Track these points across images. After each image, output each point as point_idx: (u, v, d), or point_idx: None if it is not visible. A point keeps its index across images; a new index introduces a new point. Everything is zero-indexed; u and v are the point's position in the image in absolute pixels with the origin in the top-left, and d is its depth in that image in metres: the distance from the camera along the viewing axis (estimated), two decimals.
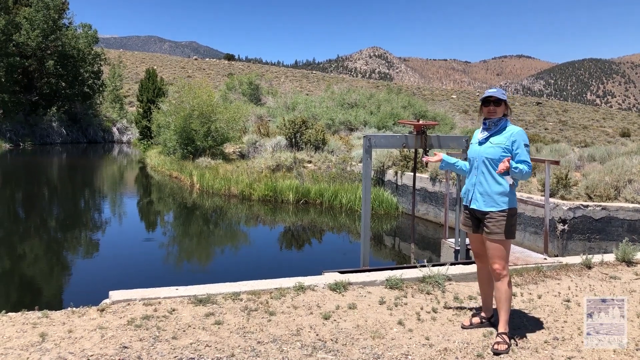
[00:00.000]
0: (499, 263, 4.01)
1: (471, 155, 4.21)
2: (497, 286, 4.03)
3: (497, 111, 4.10)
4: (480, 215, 4.11)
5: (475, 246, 4.32)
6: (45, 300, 7.70)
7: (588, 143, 31.31)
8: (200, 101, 22.50)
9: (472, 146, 4.24)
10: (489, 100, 4.13)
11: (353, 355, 3.64)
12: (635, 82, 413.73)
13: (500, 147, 4.01)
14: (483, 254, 4.24)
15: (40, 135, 40.75)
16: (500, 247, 4.01)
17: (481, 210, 4.07)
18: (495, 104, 4.10)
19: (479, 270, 4.37)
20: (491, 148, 4.05)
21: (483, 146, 4.11)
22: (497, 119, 4.11)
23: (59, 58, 41.14)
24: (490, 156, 4.03)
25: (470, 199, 4.16)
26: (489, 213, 4.03)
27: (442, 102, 64.09)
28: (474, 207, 4.12)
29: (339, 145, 21.05)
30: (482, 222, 4.10)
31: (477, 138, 4.21)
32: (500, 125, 4.10)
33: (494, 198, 4.02)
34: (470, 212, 4.20)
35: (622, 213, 10.00)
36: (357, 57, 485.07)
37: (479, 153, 4.12)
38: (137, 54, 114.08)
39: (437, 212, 13.63)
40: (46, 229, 12.97)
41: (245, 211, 15.33)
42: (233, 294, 4.66)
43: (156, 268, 9.67)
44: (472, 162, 4.20)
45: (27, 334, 3.72)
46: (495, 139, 4.08)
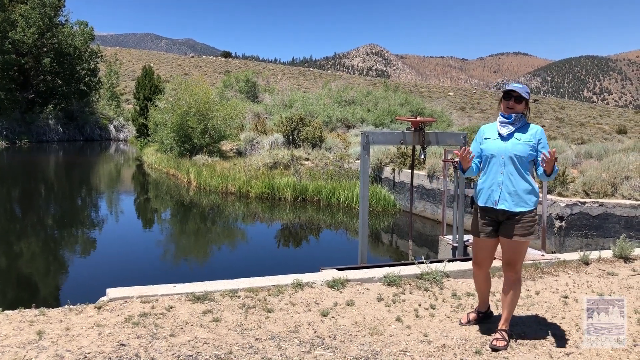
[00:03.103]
0: (517, 266, 3.87)
1: (491, 151, 3.87)
2: (509, 286, 3.90)
3: (516, 108, 3.85)
4: (505, 217, 3.84)
5: (484, 253, 4.04)
6: (43, 298, 7.69)
7: (585, 140, 31.35)
8: (197, 99, 22.43)
9: (491, 141, 3.90)
10: (511, 94, 3.88)
11: (351, 352, 3.63)
12: (631, 79, 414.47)
13: (528, 145, 3.78)
14: (488, 261, 4.07)
15: (37, 133, 40.55)
16: (523, 249, 3.85)
17: (511, 212, 3.80)
18: (517, 100, 3.86)
19: (476, 276, 4.20)
20: (519, 145, 3.79)
21: (509, 142, 3.82)
22: (521, 114, 3.87)
23: (55, 56, 40.92)
24: (519, 153, 3.77)
25: (497, 199, 3.82)
26: (519, 214, 3.79)
27: (440, 100, 64.18)
28: (503, 207, 3.80)
29: (337, 143, 21.02)
30: (505, 224, 3.85)
31: (498, 133, 3.90)
32: (522, 121, 3.88)
33: (523, 198, 3.78)
34: (493, 215, 3.90)
35: (619, 209, 10.02)
36: (354, 55, 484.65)
37: (505, 149, 3.81)
38: (133, 52, 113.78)
39: (434, 209, 13.63)
40: (43, 227, 12.93)
41: (243, 209, 15.31)
42: (231, 291, 4.65)
43: (154, 265, 9.66)
44: (490, 158, 3.88)
45: (24, 331, 3.71)
46: (520, 135, 3.83)
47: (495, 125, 3.98)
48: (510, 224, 3.82)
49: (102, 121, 46.84)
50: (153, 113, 26.66)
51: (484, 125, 4.13)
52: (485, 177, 3.94)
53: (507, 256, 3.89)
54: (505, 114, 3.90)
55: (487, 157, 3.92)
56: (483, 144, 3.97)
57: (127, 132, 46.38)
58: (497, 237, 3.95)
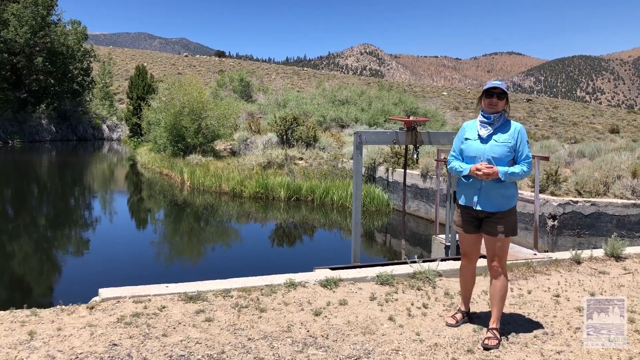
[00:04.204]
0: (501, 261, 3.95)
1: (472, 153, 3.92)
2: (495, 283, 3.98)
3: (499, 105, 3.88)
4: (485, 216, 3.94)
5: (469, 246, 4.17)
6: (35, 299, 7.66)
7: (578, 139, 31.53)
8: (191, 98, 22.38)
9: (472, 143, 3.95)
10: (493, 91, 3.88)
11: (344, 351, 3.64)
12: (624, 79, 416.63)
13: (507, 146, 3.84)
14: (474, 253, 4.18)
15: (30, 132, 40.36)
16: (505, 245, 3.94)
17: (489, 211, 3.90)
18: (499, 97, 3.87)
19: (464, 268, 4.27)
20: (497, 147, 3.85)
21: (488, 144, 3.88)
22: (500, 113, 3.91)
23: (47, 55, 40.74)
24: (497, 155, 3.84)
25: (477, 200, 3.92)
26: (497, 213, 3.89)
27: (433, 99, 64.28)
28: (482, 208, 3.91)
29: (330, 142, 21.03)
30: (485, 222, 3.95)
31: (477, 134, 3.95)
32: (501, 120, 3.92)
33: (501, 198, 3.88)
34: (473, 213, 3.99)
35: (611, 209, 10.08)
36: (348, 54, 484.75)
37: (483, 152, 3.87)
38: (127, 51, 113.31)
39: (428, 208, 13.66)
40: (36, 227, 12.87)
41: (237, 208, 15.30)
42: (224, 291, 4.65)
43: (146, 265, 9.63)
44: (470, 159, 3.94)
45: (15, 332, 3.69)
46: (499, 136, 3.88)
47: (476, 124, 4.01)
48: (490, 222, 3.92)
49: (95, 121, 46.65)
50: (146, 112, 26.60)
51: (465, 123, 4.16)
52: (465, 178, 4.00)
53: (491, 253, 3.98)
54: (485, 113, 3.93)
55: (467, 157, 3.97)
56: (464, 144, 4.02)
57: (121, 132, 46.25)
58: (481, 232, 4.06)
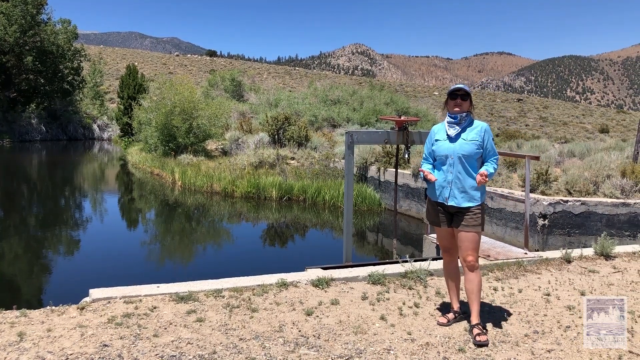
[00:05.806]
0: (474, 254, 4.10)
1: (442, 152, 4.15)
2: (471, 278, 4.10)
3: (463, 105, 4.12)
4: (455, 211, 4.14)
5: (445, 241, 4.35)
6: (24, 299, 7.60)
7: (568, 139, 31.71)
8: (182, 97, 22.27)
9: (442, 143, 4.18)
10: (457, 93, 4.14)
11: (335, 350, 3.64)
12: (613, 79, 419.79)
13: (475, 144, 4.08)
14: (453, 248, 4.32)
15: (19, 132, 39.99)
16: (476, 239, 4.10)
17: (460, 206, 4.10)
18: (463, 98, 4.13)
19: (447, 264, 4.43)
20: (466, 144, 4.08)
21: (457, 143, 4.11)
22: (466, 113, 4.14)
23: (37, 54, 40.38)
24: (466, 153, 4.07)
25: (448, 196, 4.13)
26: (467, 208, 4.08)
27: (424, 99, 64.50)
28: (452, 204, 4.12)
29: (322, 142, 21.02)
30: (456, 217, 4.15)
31: (446, 134, 4.18)
32: (468, 120, 4.15)
33: (471, 194, 4.09)
34: (444, 208, 4.21)
35: (601, 208, 10.16)
36: (340, 54, 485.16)
37: (453, 150, 4.10)
38: (117, 50, 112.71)
39: (419, 207, 13.70)
40: (26, 227, 12.78)
41: (228, 208, 15.26)
42: (215, 291, 4.64)
43: (137, 266, 9.59)
44: (442, 159, 4.17)
45: (4, 333, 3.66)
46: (467, 135, 4.11)
47: (444, 126, 4.24)
48: (460, 217, 4.12)
49: (85, 120, 46.30)
50: (137, 112, 26.44)
51: (434, 127, 4.38)
52: (437, 175, 4.21)
53: (463, 246, 4.13)
54: (452, 114, 4.16)
55: (438, 157, 4.21)
56: (434, 145, 4.25)
57: (111, 132, 45.91)
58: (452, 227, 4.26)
